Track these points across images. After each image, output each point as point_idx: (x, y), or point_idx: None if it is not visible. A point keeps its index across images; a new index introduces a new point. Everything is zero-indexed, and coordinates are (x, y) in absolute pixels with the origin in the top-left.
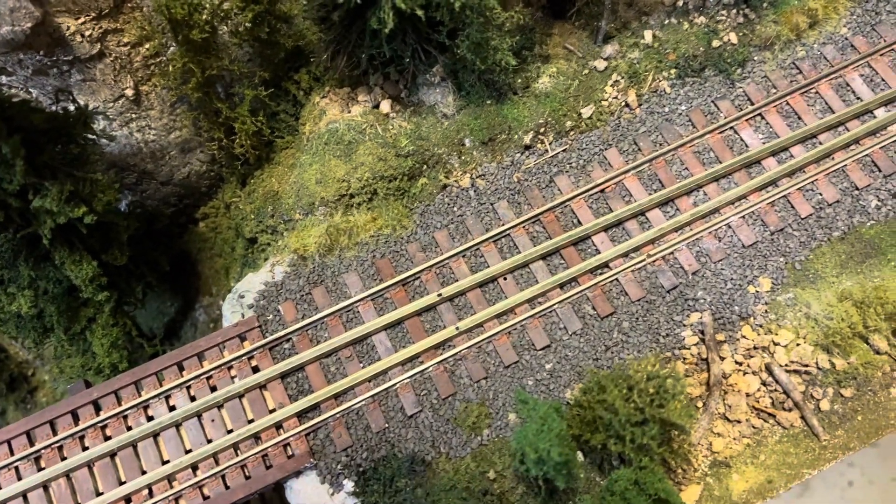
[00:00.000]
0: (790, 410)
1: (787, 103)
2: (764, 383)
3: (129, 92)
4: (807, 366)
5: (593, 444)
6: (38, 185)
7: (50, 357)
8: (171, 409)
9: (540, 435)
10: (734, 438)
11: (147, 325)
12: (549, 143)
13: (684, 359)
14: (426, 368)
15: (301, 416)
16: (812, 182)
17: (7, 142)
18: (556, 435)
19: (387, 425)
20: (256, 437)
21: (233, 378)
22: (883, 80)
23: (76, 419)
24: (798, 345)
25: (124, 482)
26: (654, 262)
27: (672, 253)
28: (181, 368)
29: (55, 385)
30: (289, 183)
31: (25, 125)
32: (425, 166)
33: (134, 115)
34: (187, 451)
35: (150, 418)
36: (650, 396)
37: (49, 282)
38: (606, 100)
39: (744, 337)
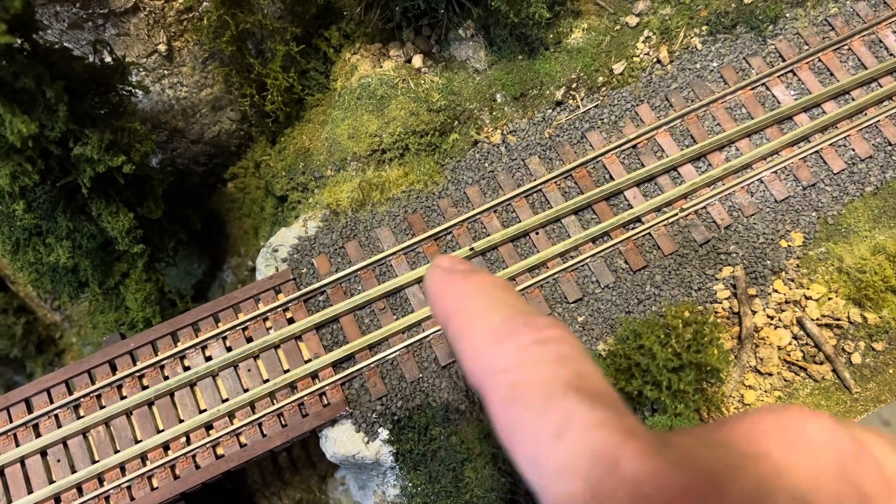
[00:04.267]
0: (822, 364)
1: (820, 60)
2: (795, 337)
3: (162, 47)
4: (838, 319)
5: (628, 391)
6: (78, 132)
7: (78, 319)
8: (208, 359)
9: None
10: (766, 391)
11: (176, 286)
12: (581, 99)
13: (716, 312)
14: None
15: (336, 366)
16: (844, 137)
17: (51, 87)
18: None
19: (421, 375)
20: (292, 387)
21: (268, 329)
22: None
23: (114, 369)
24: (830, 299)
25: (162, 430)
26: (686, 216)
27: (704, 207)
28: (217, 320)
29: (84, 349)
30: (320, 139)
31: (66, 72)
32: (457, 122)
33: (166, 72)
34: (224, 400)
35: (186, 368)
36: (687, 342)
37: (84, 236)
38: (638, 56)
39: (775, 291)
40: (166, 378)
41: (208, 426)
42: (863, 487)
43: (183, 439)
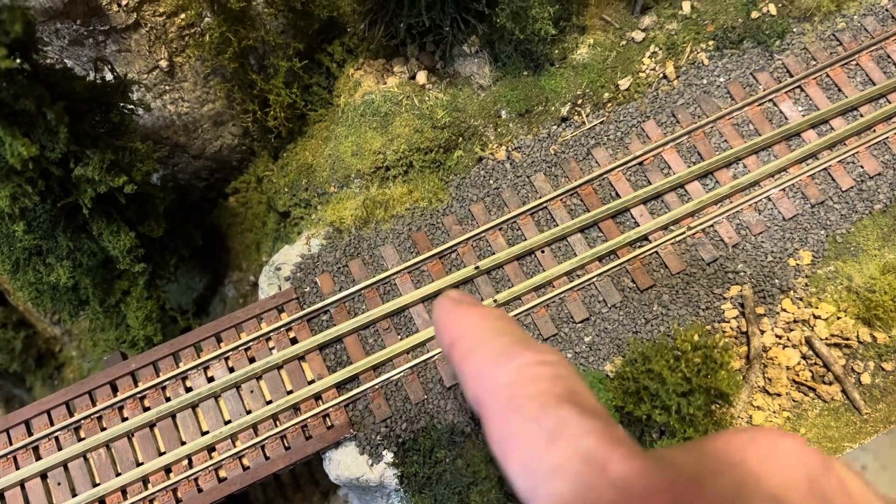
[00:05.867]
0: (831, 384)
1: (827, 75)
2: (804, 357)
3: (164, 63)
4: (848, 339)
5: (637, 415)
6: (79, 153)
7: (78, 333)
8: (210, 380)
9: None
10: (774, 412)
11: (176, 301)
12: (587, 115)
13: (724, 332)
14: None
15: (340, 387)
16: (853, 154)
17: (52, 108)
18: (602, 405)
19: (426, 396)
20: (296, 408)
21: (271, 349)
22: None
23: (115, 390)
24: (839, 318)
25: (164, 452)
26: (693, 234)
27: (712, 225)
28: (219, 340)
29: (83, 362)
30: (323, 156)
31: (67, 93)
32: (461, 138)
33: (167, 87)
34: (226, 422)
35: (188, 389)
36: (697, 366)
37: (84, 254)
38: (644, 71)
39: (784, 310)
40: (168, 399)
41: (210, 448)
42: (830, 500)
43: (185, 462)
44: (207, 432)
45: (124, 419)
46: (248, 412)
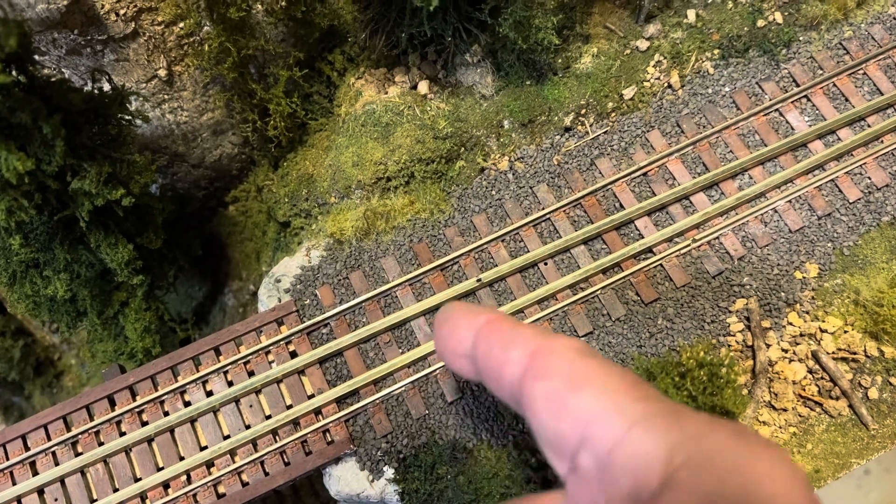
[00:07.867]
0: (838, 399)
1: (834, 84)
2: (811, 371)
3: (162, 72)
4: (855, 353)
5: None
6: (76, 166)
7: (78, 342)
8: (209, 394)
9: None
10: (780, 427)
11: (176, 310)
12: (590, 125)
13: (729, 346)
14: None
15: (340, 401)
16: (860, 166)
17: (48, 122)
18: None
19: (427, 412)
20: (295, 423)
21: (270, 363)
22: None
23: (112, 404)
24: (846, 332)
25: (162, 468)
26: (699, 247)
27: (717, 238)
28: (218, 353)
29: (82, 370)
30: (324, 166)
31: (64, 105)
32: (463, 149)
33: (166, 97)
34: (225, 437)
35: (187, 404)
36: (703, 384)
37: (82, 265)
38: (648, 81)
39: (790, 324)
40: (166, 414)
41: (209, 464)
42: None
43: (183, 478)
44: (206, 447)
45: (122, 434)
46: (248, 427)
